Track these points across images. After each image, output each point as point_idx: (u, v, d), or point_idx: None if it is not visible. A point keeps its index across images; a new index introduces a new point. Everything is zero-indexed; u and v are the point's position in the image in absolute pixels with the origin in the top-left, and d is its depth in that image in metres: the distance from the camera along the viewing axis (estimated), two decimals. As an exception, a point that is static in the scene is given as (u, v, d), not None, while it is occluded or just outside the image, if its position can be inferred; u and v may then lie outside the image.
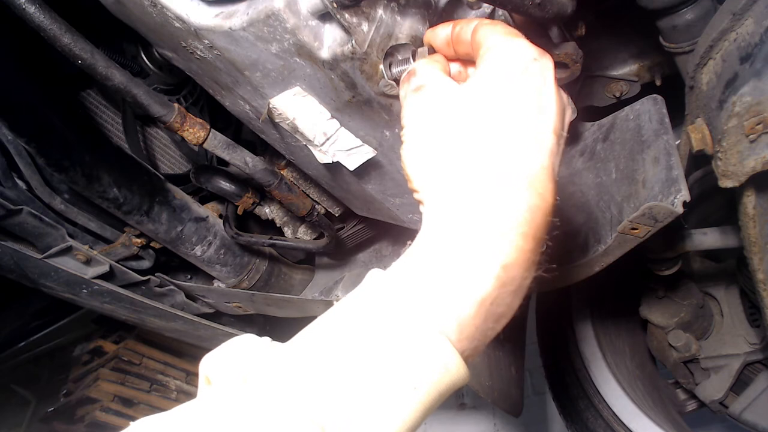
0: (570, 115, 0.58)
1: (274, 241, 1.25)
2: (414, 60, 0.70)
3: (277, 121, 0.80)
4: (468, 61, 0.65)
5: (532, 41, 0.55)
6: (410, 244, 0.51)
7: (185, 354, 2.23)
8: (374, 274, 0.51)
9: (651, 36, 1.01)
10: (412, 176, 0.55)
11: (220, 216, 1.30)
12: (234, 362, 0.46)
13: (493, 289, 0.47)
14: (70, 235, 1.08)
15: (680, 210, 0.79)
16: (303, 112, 0.77)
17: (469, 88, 0.54)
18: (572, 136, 1.08)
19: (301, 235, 1.35)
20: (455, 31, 0.62)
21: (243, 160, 0.98)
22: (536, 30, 0.84)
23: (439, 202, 0.51)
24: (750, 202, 0.86)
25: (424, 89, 0.58)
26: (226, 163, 1.06)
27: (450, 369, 0.45)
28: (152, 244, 1.23)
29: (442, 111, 0.55)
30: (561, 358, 1.62)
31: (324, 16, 0.67)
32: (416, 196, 0.55)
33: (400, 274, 0.49)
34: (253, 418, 0.41)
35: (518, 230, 0.48)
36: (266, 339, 0.49)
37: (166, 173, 1.32)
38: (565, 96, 0.56)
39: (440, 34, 0.65)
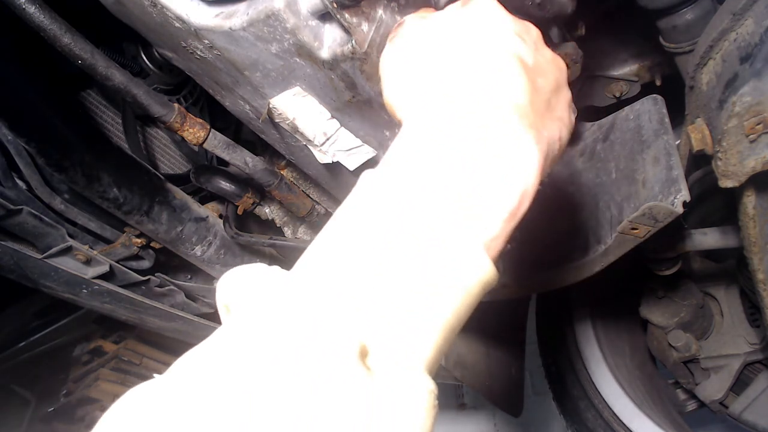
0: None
1: (274, 241, 1.25)
2: None
3: (277, 121, 0.80)
4: None
5: None
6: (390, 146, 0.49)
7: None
8: (369, 178, 0.47)
9: (651, 36, 1.01)
10: (392, 94, 0.55)
11: (220, 216, 1.30)
12: (252, 285, 0.42)
13: (517, 204, 0.47)
14: (70, 235, 1.08)
15: (680, 210, 0.79)
16: (303, 112, 0.77)
17: (438, 16, 0.57)
18: (572, 136, 1.08)
19: (301, 235, 1.35)
20: None
21: (243, 160, 0.98)
22: (536, 30, 0.84)
23: (420, 98, 0.51)
24: (750, 202, 0.86)
25: (400, 29, 0.59)
26: (226, 163, 1.06)
27: (483, 265, 0.44)
28: (152, 244, 1.23)
29: (413, 40, 0.56)
30: (561, 358, 1.62)
31: (324, 16, 0.67)
32: (389, 107, 0.55)
33: (405, 171, 0.46)
34: (285, 341, 0.37)
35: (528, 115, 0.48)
36: (277, 267, 0.45)
37: (166, 173, 1.32)
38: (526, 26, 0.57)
39: None
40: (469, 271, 0.43)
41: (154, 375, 0.38)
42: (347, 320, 0.39)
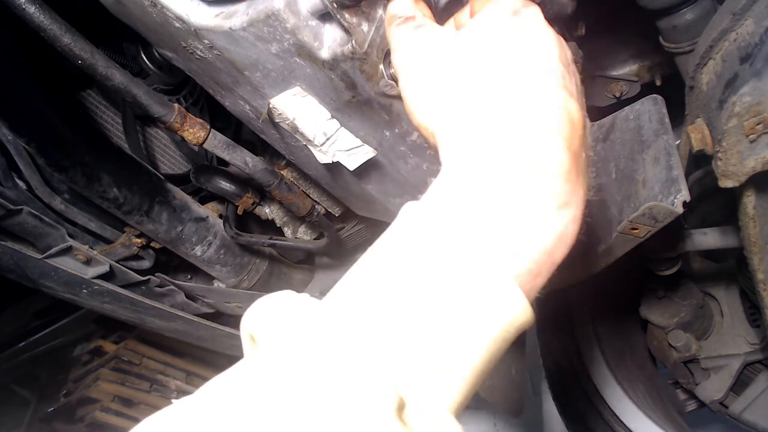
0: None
1: (274, 241, 1.25)
2: None
3: (277, 121, 0.80)
4: None
5: None
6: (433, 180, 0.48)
7: (185, 354, 2.23)
8: (412, 210, 0.45)
9: (651, 36, 1.01)
10: (419, 109, 0.53)
11: (220, 216, 1.30)
12: (279, 316, 0.40)
13: (553, 236, 0.45)
14: (70, 235, 1.08)
15: (680, 210, 0.79)
16: (303, 112, 0.77)
17: (468, 31, 0.54)
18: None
19: (301, 235, 1.35)
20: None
21: (243, 160, 0.98)
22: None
23: (466, 133, 0.48)
24: (750, 202, 0.86)
25: (424, 28, 0.58)
26: (226, 163, 1.06)
27: (521, 309, 0.42)
28: (152, 244, 1.23)
29: (444, 48, 0.54)
30: (561, 358, 1.62)
31: (324, 16, 0.67)
32: (425, 130, 0.53)
33: (448, 209, 0.44)
34: (311, 371, 0.35)
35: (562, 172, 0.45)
36: (306, 294, 0.43)
37: (166, 173, 1.32)
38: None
39: None
40: (504, 313, 0.41)
41: (171, 398, 0.36)
42: (383, 369, 0.36)
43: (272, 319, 0.40)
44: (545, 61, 0.49)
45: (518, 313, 0.42)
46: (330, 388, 0.34)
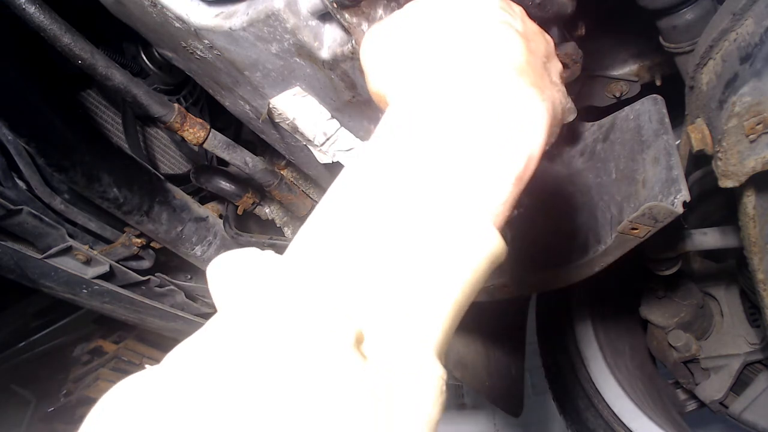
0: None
1: (274, 241, 1.25)
2: None
3: (277, 121, 0.80)
4: None
5: None
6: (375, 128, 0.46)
7: (185, 354, 2.23)
8: (362, 150, 0.44)
9: (651, 36, 1.01)
10: (373, 75, 0.51)
11: (220, 216, 1.30)
12: (245, 271, 0.40)
13: (524, 166, 0.43)
14: (70, 235, 1.08)
15: (680, 210, 0.79)
16: (303, 112, 0.77)
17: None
18: (572, 136, 1.08)
19: (301, 235, 1.34)
20: None
21: (243, 160, 0.98)
22: (536, 30, 0.84)
23: (414, 81, 0.46)
24: (750, 202, 0.86)
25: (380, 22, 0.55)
26: (226, 163, 1.06)
27: (493, 241, 0.41)
28: (152, 244, 1.23)
29: (395, 22, 0.52)
30: (561, 358, 1.62)
31: (324, 16, 0.67)
32: (377, 96, 0.51)
33: (403, 145, 0.43)
34: (277, 331, 0.35)
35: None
36: (270, 251, 0.42)
37: (166, 173, 1.32)
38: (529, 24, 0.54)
39: None
40: (476, 243, 0.40)
41: (146, 366, 0.37)
42: (341, 306, 0.36)
43: (236, 275, 0.40)
44: (481, 6, 0.49)
45: (491, 244, 0.41)
46: (286, 331, 0.34)
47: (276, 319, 0.35)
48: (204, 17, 0.68)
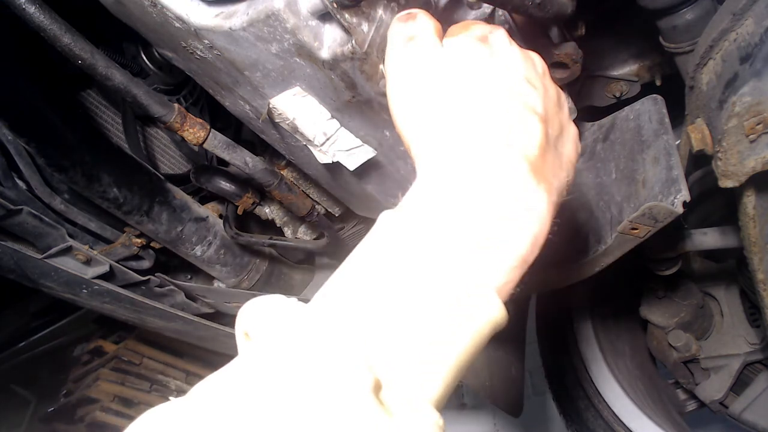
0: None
1: (274, 241, 1.25)
2: None
3: (277, 121, 0.80)
4: None
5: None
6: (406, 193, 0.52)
7: (185, 354, 2.23)
8: (390, 219, 0.50)
9: (651, 36, 1.01)
10: (400, 118, 0.57)
11: (220, 216, 1.30)
12: (271, 316, 0.45)
13: (529, 250, 0.50)
14: (70, 235, 1.08)
15: (680, 210, 0.79)
16: (303, 112, 0.77)
17: (445, 54, 0.58)
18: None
19: (301, 235, 1.35)
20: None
21: (243, 160, 0.98)
22: (536, 30, 0.84)
23: (439, 149, 0.53)
24: (750, 202, 0.87)
25: (415, 40, 0.59)
26: (226, 163, 1.06)
27: (496, 309, 0.47)
28: (152, 244, 1.23)
29: (427, 66, 0.57)
30: (561, 358, 1.62)
31: (324, 16, 0.67)
32: (403, 138, 0.57)
33: (424, 217, 0.49)
34: (302, 371, 0.39)
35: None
36: (294, 298, 0.48)
37: (166, 173, 1.32)
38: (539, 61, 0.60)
39: None
40: (480, 313, 0.46)
41: (170, 398, 0.40)
42: (363, 355, 0.41)
43: (264, 319, 0.45)
44: (509, 83, 0.54)
45: (493, 313, 0.46)
46: (311, 373, 0.39)
47: (302, 361, 0.40)
48: (204, 17, 0.68)
